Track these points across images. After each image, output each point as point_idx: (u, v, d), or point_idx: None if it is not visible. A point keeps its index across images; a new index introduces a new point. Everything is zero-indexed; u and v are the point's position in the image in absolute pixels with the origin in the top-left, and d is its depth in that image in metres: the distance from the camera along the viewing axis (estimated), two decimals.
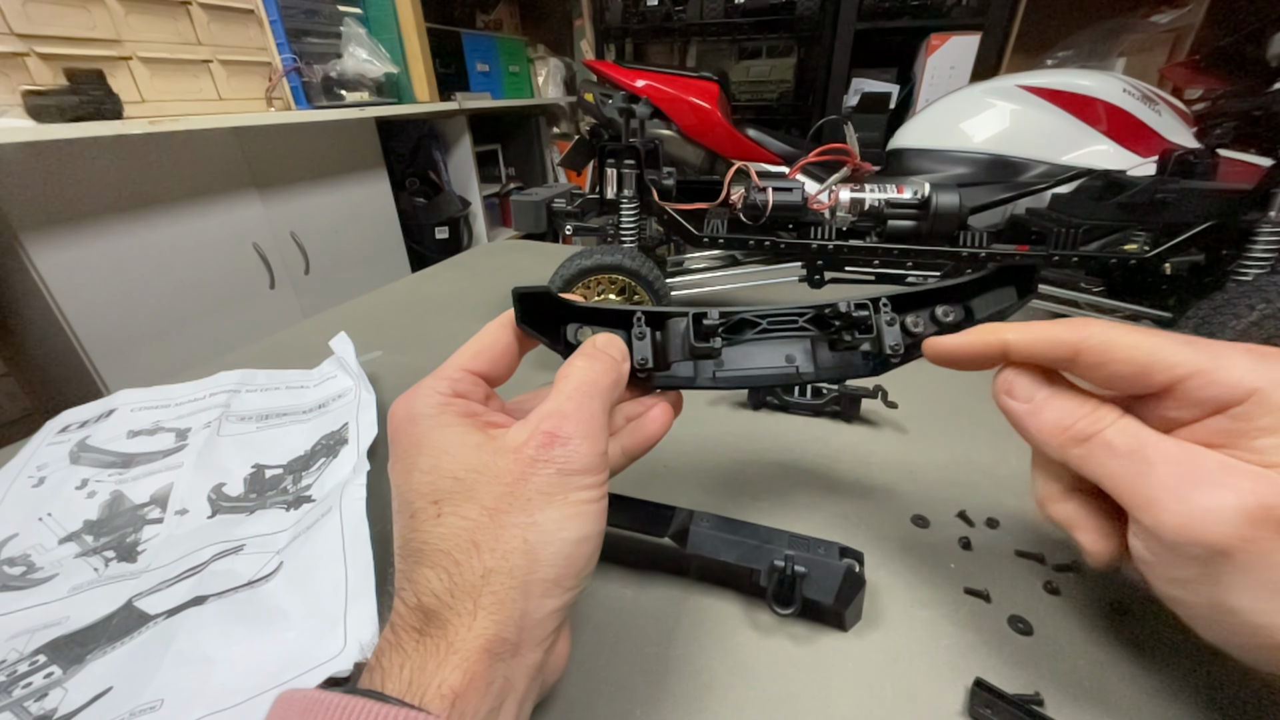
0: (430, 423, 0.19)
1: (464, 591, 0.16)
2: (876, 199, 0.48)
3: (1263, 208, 0.37)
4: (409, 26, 1.72)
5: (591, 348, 0.22)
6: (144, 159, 1.14)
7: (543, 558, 0.17)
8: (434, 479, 0.18)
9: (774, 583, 0.23)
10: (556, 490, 0.18)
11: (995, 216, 0.75)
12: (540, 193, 0.51)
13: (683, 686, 0.22)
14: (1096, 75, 0.81)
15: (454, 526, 0.17)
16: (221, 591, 0.25)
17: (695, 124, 1.18)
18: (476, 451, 0.18)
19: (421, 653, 0.15)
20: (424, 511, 0.17)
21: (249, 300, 1.39)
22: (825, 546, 0.24)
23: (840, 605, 0.23)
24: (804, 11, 1.62)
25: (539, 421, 0.19)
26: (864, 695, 0.22)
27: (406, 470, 0.18)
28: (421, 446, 0.18)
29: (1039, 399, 0.19)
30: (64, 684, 0.22)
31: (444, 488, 0.18)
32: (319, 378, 0.44)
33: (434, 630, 0.16)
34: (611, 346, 0.22)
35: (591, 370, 0.20)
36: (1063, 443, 0.18)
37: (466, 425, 0.19)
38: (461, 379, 0.21)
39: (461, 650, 0.15)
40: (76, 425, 0.39)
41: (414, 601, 0.16)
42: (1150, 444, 0.17)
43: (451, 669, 0.15)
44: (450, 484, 0.18)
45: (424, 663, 0.15)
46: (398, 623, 0.16)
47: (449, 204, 1.99)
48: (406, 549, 0.18)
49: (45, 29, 1.04)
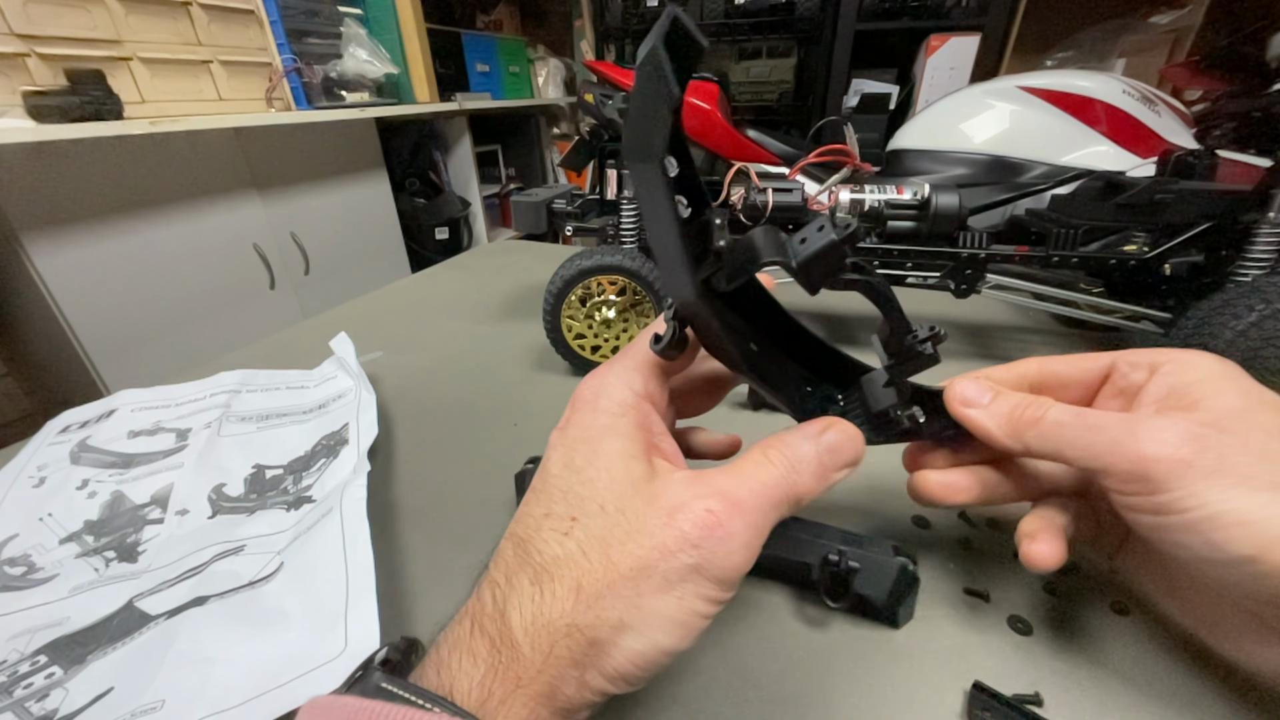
0: (607, 421, 0.18)
1: (544, 627, 0.15)
2: (876, 200, 0.48)
3: (1262, 208, 0.37)
4: (409, 27, 1.72)
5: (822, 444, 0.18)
6: (144, 159, 1.14)
7: (624, 646, 0.15)
8: (583, 492, 0.16)
9: (826, 576, 0.24)
10: (679, 583, 0.15)
11: (995, 217, 0.75)
12: (540, 193, 0.51)
13: (681, 688, 0.22)
14: (1096, 76, 0.81)
15: (573, 556, 0.16)
16: (222, 592, 0.25)
17: (695, 125, 1.18)
18: (633, 489, 0.16)
19: (490, 674, 0.15)
20: (557, 518, 0.16)
21: (249, 300, 1.39)
22: (878, 544, 0.24)
23: (893, 602, 0.23)
24: (804, 12, 1.62)
25: (708, 495, 0.16)
26: (864, 695, 0.22)
27: (565, 461, 0.17)
28: (592, 446, 0.17)
29: (987, 399, 0.21)
30: (65, 684, 0.22)
31: (587, 510, 0.16)
32: (319, 378, 0.44)
33: (505, 653, 0.15)
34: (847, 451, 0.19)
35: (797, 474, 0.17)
36: (1018, 429, 0.20)
37: (637, 447, 0.17)
38: (654, 377, 0.20)
39: (528, 690, 0.14)
40: (77, 425, 0.39)
41: (504, 606, 0.15)
42: (1088, 413, 0.20)
43: (517, 708, 0.14)
44: (594, 510, 0.16)
45: (493, 688, 0.14)
46: (479, 617, 0.15)
47: (449, 204, 1.99)
48: (519, 538, 0.17)
49: (46, 29, 1.04)
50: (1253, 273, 0.39)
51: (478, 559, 0.18)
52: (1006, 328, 0.54)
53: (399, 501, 0.33)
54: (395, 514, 0.32)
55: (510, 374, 0.47)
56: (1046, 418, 0.20)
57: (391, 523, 0.32)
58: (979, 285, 0.44)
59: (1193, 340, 0.37)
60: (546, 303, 0.46)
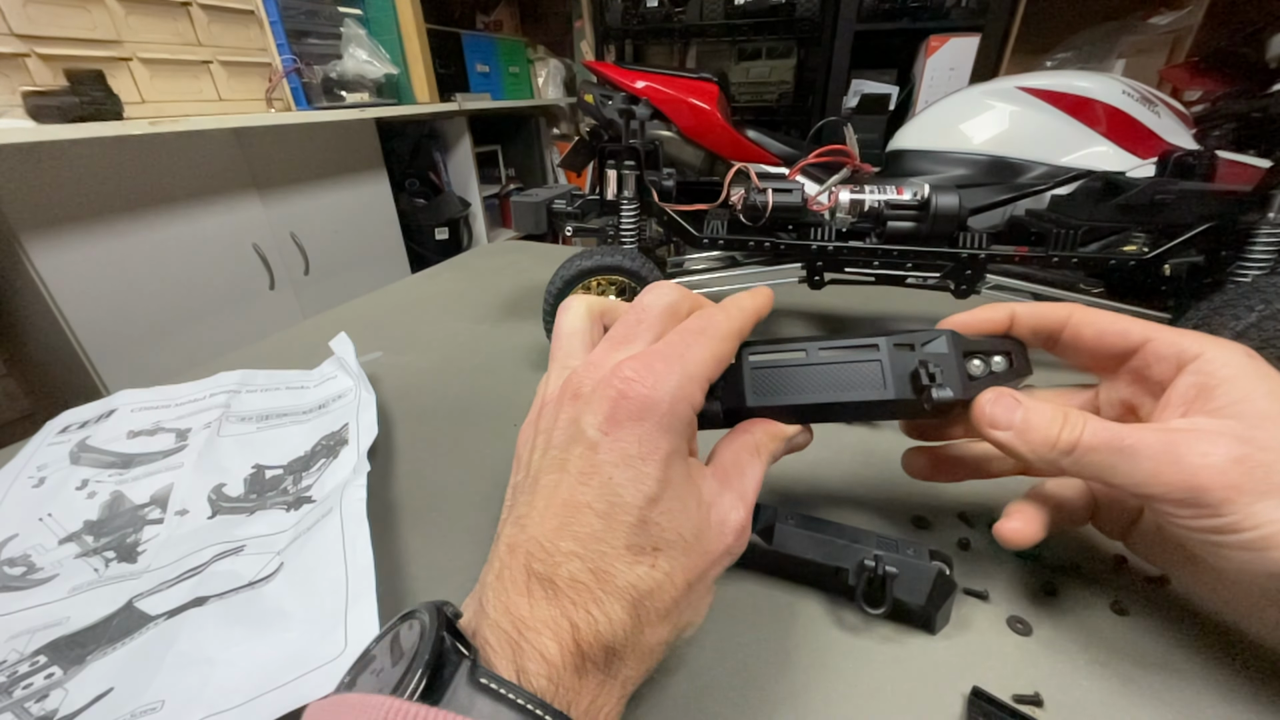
0: (675, 440, 0.17)
1: (645, 652, 0.17)
2: (876, 200, 0.48)
3: (1262, 209, 0.37)
4: (409, 27, 1.73)
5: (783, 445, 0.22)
6: (144, 159, 1.14)
7: (685, 637, 0.19)
8: (664, 525, 0.17)
9: (863, 582, 0.23)
10: (716, 580, 0.19)
11: (995, 218, 0.75)
12: (540, 194, 0.51)
13: (682, 688, 0.22)
14: (1096, 77, 0.81)
15: (663, 587, 0.17)
16: (222, 593, 0.25)
17: (695, 125, 1.18)
18: (698, 511, 0.18)
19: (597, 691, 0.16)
20: (640, 553, 0.16)
21: (249, 301, 1.39)
22: (914, 548, 0.24)
23: (931, 608, 0.23)
24: (804, 13, 1.62)
25: (737, 502, 0.19)
26: (865, 696, 0.22)
27: (637, 483, 0.16)
28: (662, 469, 0.17)
29: (1018, 421, 0.21)
30: (65, 685, 0.22)
31: (669, 540, 0.17)
32: (319, 378, 0.44)
33: (614, 675, 0.16)
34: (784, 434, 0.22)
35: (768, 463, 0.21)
36: (1054, 456, 0.20)
37: (693, 465, 0.19)
38: (704, 390, 0.19)
39: (621, 690, 0.17)
40: (77, 426, 0.39)
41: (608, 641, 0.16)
42: (1124, 433, 0.19)
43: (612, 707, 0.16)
44: (675, 539, 0.17)
45: (597, 699, 0.16)
46: (585, 648, 0.15)
47: (449, 205, 2.00)
48: (601, 567, 0.16)
49: (45, 30, 1.05)
50: (1253, 273, 0.39)
51: (478, 559, 0.18)
52: None
53: (399, 501, 0.33)
54: (395, 514, 0.32)
55: (510, 374, 0.47)
56: (1081, 443, 0.19)
57: (391, 523, 0.32)
58: (979, 285, 0.44)
59: None
60: (546, 303, 0.46)
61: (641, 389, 0.17)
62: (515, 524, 0.17)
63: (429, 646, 0.14)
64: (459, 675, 0.14)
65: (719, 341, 0.19)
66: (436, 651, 0.13)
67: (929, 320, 0.24)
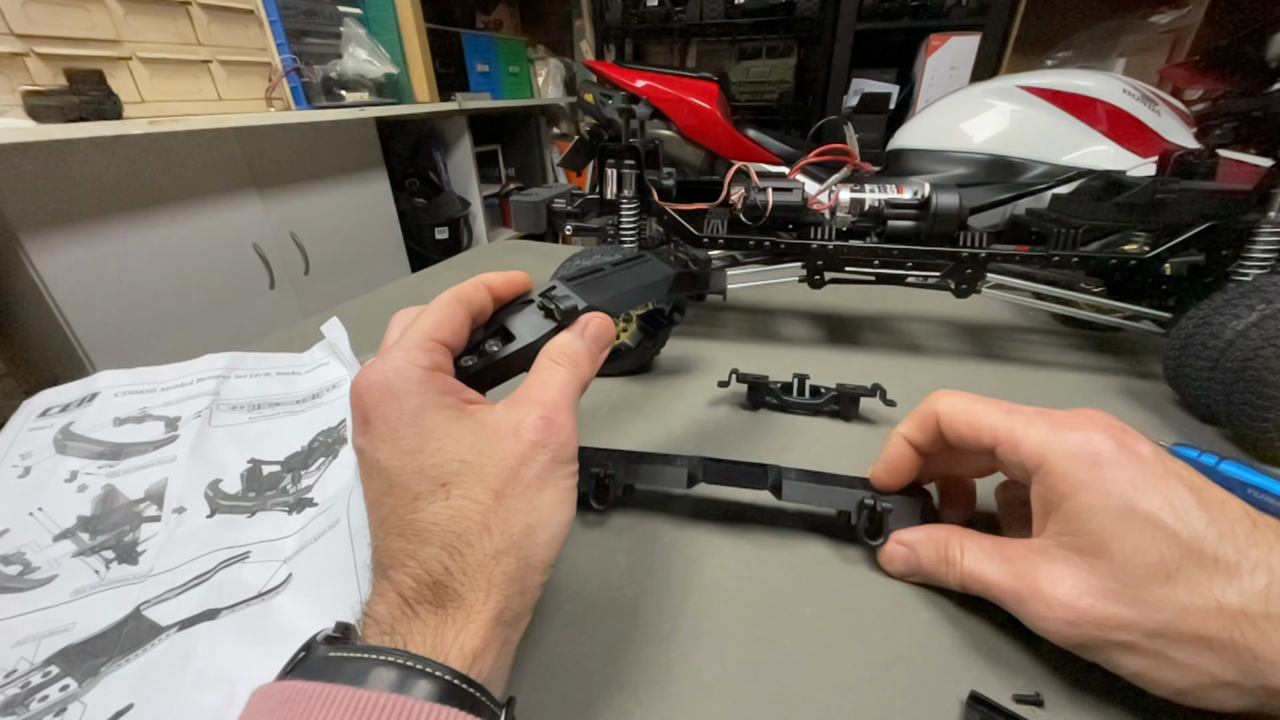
0: (417, 400, 0.19)
1: (476, 569, 0.17)
2: (876, 199, 0.48)
3: (1262, 208, 0.37)
4: (409, 27, 1.72)
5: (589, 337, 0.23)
6: (144, 159, 1.14)
7: (541, 540, 0.19)
8: (439, 461, 0.18)
9: (864, 519, 0.27)
10: (549, 476, 0.19)
11: (995, 217, 0.75)
12: (540, 193, 0.51)
13: (681, 688, 0.22)
14: (1096, 76, 0.81)
15: (464, 509, 0.18)
16: (233, 605, 0.25)
17: (695, 124, 1.18)
18: (475, 435, 0.19)
19: (440, 622, 0.17)
20: (430, 494, 0.18)
21: (249, 300, 1.39)
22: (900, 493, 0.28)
23: None
24: (804, 12, 1.62)
25: (534, 408, 0.20)
26: (865, 696, 0.22)
27: (400, 450, 0.18)
28: (417, 426, 0.19)
29: (911, 560, 0.26)
30: (82, 698, 0.22)
31: (451, 470, 0.18)
32: (310, 363, 0.43)
33: (450, 603, 0.17)
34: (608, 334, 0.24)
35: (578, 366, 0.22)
36: (945, 577, 0.24)
37: (458, 407, 0.20)
38: (435, 350, 0.21)
39: (478, 620, 0.17)
40: (58, 409, 0.37)
41: (426, 578, 0.17)
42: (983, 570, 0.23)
43: (470, 635, 0.17)
44: (458, 466, 0.18)
45: (443, 631, 0.16)
46: (408, 595, 0.17)
47: (449, 204, 1.99)
48: (407, 529, 0.18)
49: (45, 29, 1.04)
50: (1253, 272, 0.38)
51: None
52: (1006, 328, 0.54)
53: None
54: None
55: None
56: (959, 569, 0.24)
57: None
58: (979, 285, 0.44)
59: (1193, 340, 0.37)
60: None
61: (369, 381, 0.19)
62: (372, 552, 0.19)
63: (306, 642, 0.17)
64: (316, 650, 0.16)
65: (437, 310, 0.22)
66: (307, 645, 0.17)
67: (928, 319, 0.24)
